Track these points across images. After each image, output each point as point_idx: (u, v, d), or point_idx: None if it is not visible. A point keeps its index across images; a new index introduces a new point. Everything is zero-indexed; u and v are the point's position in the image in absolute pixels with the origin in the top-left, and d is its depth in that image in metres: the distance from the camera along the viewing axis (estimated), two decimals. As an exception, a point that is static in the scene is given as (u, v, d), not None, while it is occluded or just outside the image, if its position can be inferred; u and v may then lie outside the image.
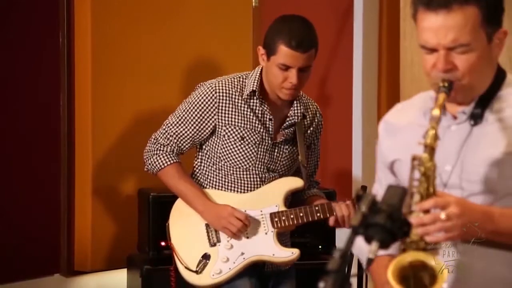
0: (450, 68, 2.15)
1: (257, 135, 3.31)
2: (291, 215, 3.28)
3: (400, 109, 2.40)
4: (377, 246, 1.96)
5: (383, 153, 2.38)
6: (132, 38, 4.54)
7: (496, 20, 2.18)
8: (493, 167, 2.18)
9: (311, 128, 3.42)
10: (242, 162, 3.33)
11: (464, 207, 2.08)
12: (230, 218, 3.26)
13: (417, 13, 2.18)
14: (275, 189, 3.33)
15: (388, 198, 2.01)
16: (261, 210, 3.31)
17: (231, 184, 3.35)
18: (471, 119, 2.22)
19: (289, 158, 3.37)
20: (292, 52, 3.20)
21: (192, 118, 3.33)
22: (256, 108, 3.31)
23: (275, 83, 3.25)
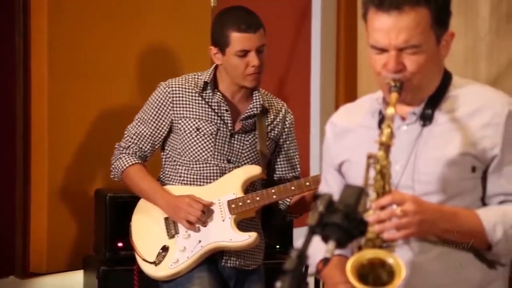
0: (401, 69, 2.17)
1: (213, 126, 3.34)
2: (248, 200, 3.31)
3: (346, 111, 2.43)
4: (334, 246, 1.97)
5: (331, 155, 2.40)
6: (89, 38, 4.50)
7: (445, 23, 2.21)
8: (444, 168, 2.20)
9: (274, 123, 3.44)
10: (200, 154, 3.35)
11: (419, 204, 2.11)
12: (188, 208, 3.27)
13: (368, 14, 2.21)
14: (232, 178, 3.35)
15: (345, 197, 2.02)
16: (219, 199, 3.33)
17: (192, 177, 3.37)
18: (421, 120, 2.24)
19: (251, 150, 3.40)
20: (245, 35, 3.29)
21: (149, 117, 3.38)
22: (210, 100, 3.35)
23: (238, 73, 3.31)
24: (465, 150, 2.20)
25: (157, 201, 3.35)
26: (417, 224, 2.10)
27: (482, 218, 2.18)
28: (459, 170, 2.20)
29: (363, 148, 2.19)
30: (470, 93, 2.26)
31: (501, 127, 2.20)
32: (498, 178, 2.22)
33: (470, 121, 2.22)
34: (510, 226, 2.18)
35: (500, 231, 2.17)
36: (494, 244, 2.18)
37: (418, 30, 2.15)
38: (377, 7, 2.16)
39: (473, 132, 2.21)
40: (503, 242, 2.18)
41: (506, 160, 2.21)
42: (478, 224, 2.18)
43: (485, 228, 2.18)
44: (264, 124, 3.40)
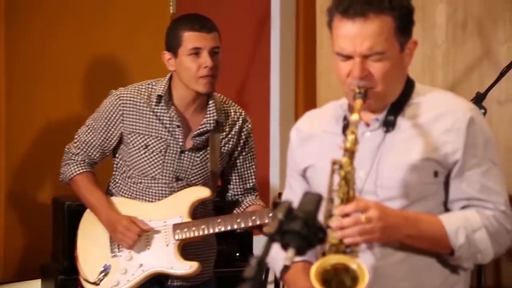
0: (365, 75, 2.19)
1: (162, 143, 3.27)
2: (193, 227, 3.23)
3: (311, 117, 2.44)
4: (293, 253, 1.98)
5: (296, 160, 2.41)
6: (47, 44, 4.47)
7: (408, 31, 2.23)
8: (406, 173, 2.22)
9: (229, 137, 3.36)
10: (148, 171, 3.29)
11: (383, 211, 2.13)
12: (124, 231, 3.23)
13: (333, 21, 2.22)
14: (181, 199, 3.29)
15: (304, 205, 2.03)
16: (165, 221, 3.27)
17: (140, 192, 3.32)
18: (384, 126, 2.26)
19: (201, 167, 3.32)
20: (198, 33, 3.23)
21: (99, 127, 3.32)
22: (162, 115, 3.28)
23: (190, 76, 3.22)
24: (427, 155, 2.22)
25: (101, 218, 3.30)
26: (380, 230, 2.12)
27: (444, 223, 2.20)
28: (422, 175, 2.22)
29: (328, 154, 2.20)
30: (432, 99, 2.29)
31: (463, 133, 2.22)
32: (460, 183, 2.24)
33: (432, 127, 2.24)
34: (472, 231, 2.20)
35: (463, 236, 2.20)
36: (457, 249, 2.20)
37: (382, 37, 2.17)
38: (342, 14, 2.19)
39: (435, 138, 2.23)
40: (465, 247, 2.20)
41: (467, 165, 2.23)
42: (441, 229, 2.20)
43: (447, 233, 2.20)
44: (218, 139, 3.32)
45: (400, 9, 2.19)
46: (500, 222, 2.24)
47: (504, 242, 2.26)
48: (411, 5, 2.24)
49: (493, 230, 2.22)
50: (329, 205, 2.14)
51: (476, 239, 2.21)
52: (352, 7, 2.17)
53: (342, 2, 2.19)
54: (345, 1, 2.19)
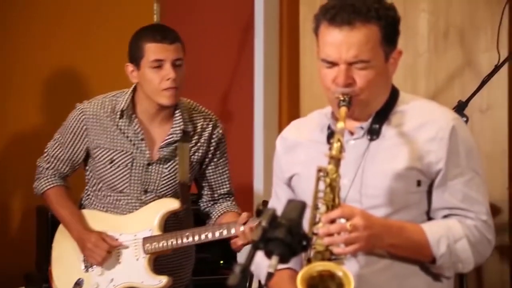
0: (350, 83, 2.21)
1: (128, 157, 3.26)
2: (162, 241, 3.22)
3: (297, 125, 2.46)
4: (277, 261, 1.99)
5: (282, 169, 2.42)
6: (22, 55, 4.46)
7: (393, 41, 2.26)
8: (390, 181, 2.24)
9: (198, 145, 3.32)
10: (116, 185, 3.28)
11: (368, 219, 2.15)
12: (93, 248, 3.23)
13: (320, 28, 2.24)
14: (151, 212, 3.27)
15: (288, 212, 2.04)
16: (135, 234, 3.26)
17: (110, 205, 3.31)
18: (369, 134, 2.28)
19: (170, 178, 3.29)
20: (159, 45, 3.18)
21: (66, 141, 3.32)
22: (126, 128, 3.25)
23: (153, 88, 3.18)
24: (411, 164, 2.24)
25: (72, 233, 3.31)
26: (365, 239, 2.13)
27: (427, 232, 2.22)
28: (405, 184, 2.24)
29: (313, 162, 2.22)
30: (416, 108, 2.31)
31: (446, 142, 2.24)
32: (443, 193, 2.26)
33: (416, 136, 2.26)
34: (453, 241, 2.23)
35: (444, 246, 2.22)
36: (438, 257, 2.22)
37: (368, 46, 2.19)
38: (329, 21, 2.21)
39: (419, 147, 2.25)
40: (446, 256, 2.22)
41: (450, 174, 2.25)
42: (423, 239, 2.22)
43: (429, 242, 2.22)
44: (186, 149, 3.28)
45: (387, 19, 2.22)
46: (481, 232, 2.26)
47: (484, 252, 2.28)
48: (397, 15, 2.26)
49: (474, 240, 2.25)
50: (315, 212, 2.16)
51: (457, 249, 2.23)
52: (339, 15, 2.19)
53: (329, 10, 2.21)
54: (332, 9, 2.21)
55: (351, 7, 2.19)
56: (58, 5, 4.61)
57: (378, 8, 2.20)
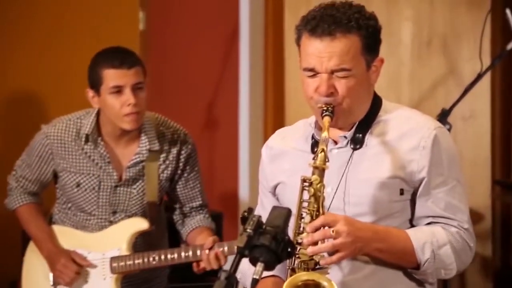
0: (332, 92, 2.23)
1: (95, 180, 3.25)
2: (129, 261, 3.22)
3: (282, 134, 2.46)
4: (262, 267, 2.00)
5: (267, 177, 2.43)
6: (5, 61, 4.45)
7: (374, 49, 2.27)
8: (373, 190, 2.26)
9: (167, 163, 3.30)
10: (84, 207, 3.29)
11: (352, 224, 2.16)
12: (62, 269, 3.24)
13: (301, 38, 2.26)
14: (120, 231, 3.27)
15: (273, 219, 2.05)
16: (104, 253, 3.27)
17: (79, 224, 3.32)
18: (352, 143, 2.30)
19: (139, 198, 3.29)
20: (118, 71, 3.13)
21: (32, 163, 3.32)
22: (92, 152, 3.24)
23: (114, 114, 3.16)
24: (394, 173, 2.25)
25: (42, 252, 3.32)
26: (350, 244, 2.14)
27: (412, 237, 2.24)
28: (388, 192, 2.25)
29: (297, 172, 2.24)
30: (399, 117, 2.32)
31: (428, 151, 2.25)
32: (426, 201, 2.27)
33: (399, 144, 2.27)
34: (438, 247, 2.24)
35: (429, 251, 2.23)
36: (422, 263, 2.24)
37: (349, 55, 2.21)
38: (310, 33, 2.22)
39: (402, 156, 2.26)
40: (431, 262, 2.24)
41: (433, 183, 2.26)
42: (408, 244, 2.23)
43: (414, 247, 2.23)
44: (155, 167, 3.27)
45: (367, 29, 2.23)
46: (464, 239, 2.28)
47: (466, 259, 2.30)
48: (378, 24, 2.27)
49: (457, 247, 2.27)
50: (299, 221, 2.17)
51: (441, 255, 2.25)
52: (320, 27, 2.20)
53: (310, 21, 2.23)
54: (313, 20, 2.22)
55: (332, 17, 2.20)
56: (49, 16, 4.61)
57: (359, 18, 2.22)
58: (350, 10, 2.23)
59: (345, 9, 2.23)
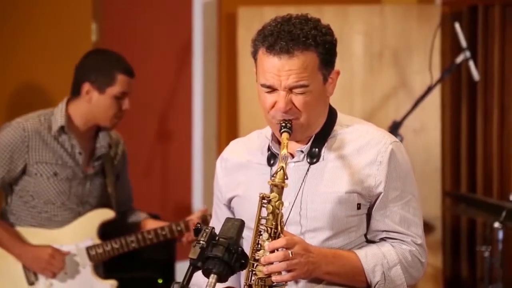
0: (290, 108, 2.23)
1: (69, 170, 3.35)
2: (107, 247, 3.35)
3: (237, 146, 2.45)
4: (215, 279, 2.01)
5: (221, 190, 2.42)
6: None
7: (331, 63, 2.28)
8: (330, 204, 2.27)
9: (117, 158, 3.49)
10: (56, 198, 3.34)
11: (306, 247, 2.17)
12: (51, 260, 3.29)
13: (258, 53, 2.25)
14: (88, 222, 3.38)
15: (226, 231, 2.06)
16: (77, 244, 3.35)
17: (45, 220, 3.35)
18: (309, 158, 2.30)
19: (100, 190, 3.43)
20: (129, 79, 3.36)
21: (2, 159, 3.31)
22: (66, 143, 3.34)
23: (107, 115, 3.34)
24: (351, 188, 2.26)
25: (13, 251, 3.32)
26: (304, 265, 2.16)
27: (362, 261, 2.26)
28: (346, 207, 2.26)
29: (254, 185, 2.25)
30: (355, 131, 2.33)
31: (385, 166, 2.27)
32: (382, 216, 2.29)
33: (356, 159, 2.28)
34: (388, 268, 2.27)
35: (379, 273, 2.26)
36: (373, 285, 2.27)
37: (307, 71, 2.21)
38: (268, 49, 2.22)
39: (358, 170, 2.27)
40: (381, 283, 2.26)
41: (389, 198, 2.28)
42: (359, 267, 2.25)
43: (365, 270, 2.25)
44: (111, 161, 3.45)
45: (324, 45, 2.23)
46: (415, 256, 2.30)
47: (417, 275, 2.32)
48: (334, 38, 2.27)
49: (408, 265, 2.29)
50: (257, 238, 2.18)
51: (392, 276, 2.27)
52: (278, 44, 2.20)
53: (268, 37, 2.22)
54: (270, 37, 2.22)
55: (289, 34, 2.20)
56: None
57: (316, 35, 2.22)
58: (307, 26, 2.22)
59: (302, 25, 2.22)
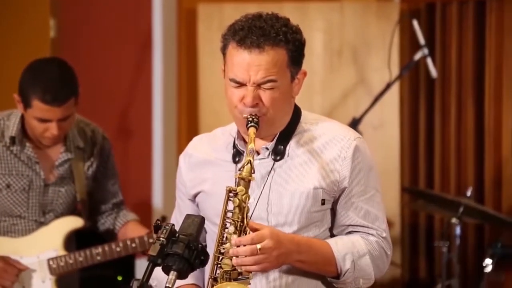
0: (257, 103, 2.25)
1: (24, 181, 3.21)
2: (70, 260, 3.19)
3: (201, 142, 2.46)
4: (175, 276, 2.01)
5: (186, 185, 2.43)
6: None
7: (299, 62, 2.31)
8: (296, 200, 2.29)
9: (92, 159, 3.31)
10: (12, 210, 3.21)
11: (277, 239, 2.18)
12: (2, 273, 3.14)
13: (228, 48, 2.27)
14: (53, 231, 3.22)
15: (186, 227, 2.07)
16: (38, 255, 3.21)
17: (5, 229, 3.23)
18: (274, 154, 2.32)
19: (67, 196, 3.26)
20: (47, 107, 3.05)
21: None
22: (19, 153, 3.19)
23: (35, 133, 3.14)
24: (316, 184, 2.29)
25: None
26: (274, 258, 2.18)
27: (333, 249, 2.28)
28: (310, 203, 2.29)
29: (219, 181, 2.26)
30: (319, 128, 2.35)
31: (349, 161, 2.30)
32: (347, 211, 2.32)
33: (320, 155, 2.31)
34: (358, 257, 2.30)
35: (349, 261, 2.28)
36: (343, 273, 2.29)
37: (276, 67, 2.24)
38: (238, 43, 2.24)
39: (323, 166, 2.30)
40: (351, 272, 2.29)
41: (353, 192, 2.31)
42: (330, 255, 2.28)
43: (336, 258, 2.28)
44: (81, 165, 3.26)
45: (294, 43, 2.26)
46: (382, 248, 2.33)
47: (383, 267, 2.36)
48: (303, 38, 2.31)
49: (376, 256, 2.32)
50: (223, 231, 2.19)
51: (361, 265, 2.30)
52: (249, 38, 2.22)
53: (238, 32, 2.24)
54: (241, 31, 2.23)
55: (260, 30, 2.23)
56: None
57: (286, 32, 2.24)
58: (278, 23, 2.25)
59: (273, 22, 2.25)
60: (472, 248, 4.70)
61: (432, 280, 4.76)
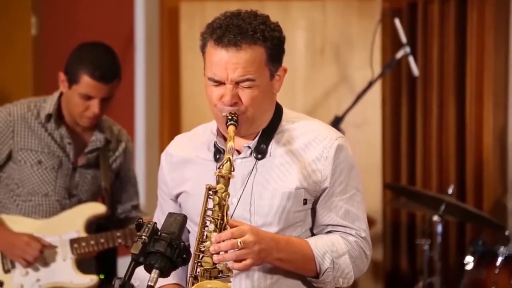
0: (236, 102, 2.24)
1: (56, 159, 3.28)
2: (92, 241, 3.27)
3: (182, 141, 2.45)
4: (157, 274, 2.01)
5: (168, 185, 2.42)
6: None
7: (278, 59, 2.30)
8: (278, 200, 2.29)
9: (116, 155, 3.41)
10: (40, 188, 3.28)
11: (257, 235, 2.18)
12: (26, 247, 3.21)
13: (206, 46, 2.26)
14: (76, 214, 3.29)
15: (168, 226, 2.07)
16: (61, 235, 3.27)
17: (30, 210, 3.29)
18: (256, 153, 2.32)
19: (92, 183, 3.35)
20: (95, 83, 3.17)
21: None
22: (54, 132, 3.28)
23: (76, 112, 3.23)
24: (298, 183, 2.28)
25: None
26: (255, 254, 2.17)
27: (312, 247, 2.28)
28: (293, 203, 2.29)
29: (201, 180, 2.25)
30: (301, 127, 2.35)
31: (331, 161, 2.29)
32: (327, 210, 2.32)
33: (303, 155, 2.30)
34: (337, 256, 2.30)
35: (329, 260, 2.29)
36: (322, 272, 2.29)
37: (254, 66, 2.23)
38: (215, 42, 2.23)
39: (305, 166, 2.29)
40: (330, 271, 2.29)
41: (334, 191, 2.31)
42: (309, 254, 2.28)
43: (315, 257, 2.28)
44: (107, 156, 3.35)
45: (272, 40, 2.25)
46: (361, 248, 2.34)
47: (363, 267, 2.36)
48: (282, 35, 2.30)
49: (355, 256, 2.33)
50: (203, 229, 2.18)
51: (341, 264, 2.30)
52: (226, 37, 2.21)
53: (216, 30, 2.23)
54: (219, 29, 2.23)
55: (237, 28, 2.22)
56: None
57: (264, 30, 2.24)
58: (256, 21, 2.24)
59: (251, 20, 2.24)
60: (454, 245, 4.73)
61: (414, 277, 4.79)
